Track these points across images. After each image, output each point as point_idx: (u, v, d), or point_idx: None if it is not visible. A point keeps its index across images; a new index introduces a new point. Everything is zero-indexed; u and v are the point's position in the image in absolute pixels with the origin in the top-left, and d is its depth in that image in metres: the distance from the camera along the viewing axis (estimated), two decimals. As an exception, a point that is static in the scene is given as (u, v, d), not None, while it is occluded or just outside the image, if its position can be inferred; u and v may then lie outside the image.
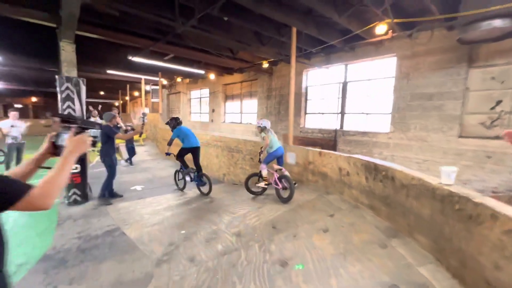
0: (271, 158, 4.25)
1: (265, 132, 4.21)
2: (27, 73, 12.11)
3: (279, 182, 4.05)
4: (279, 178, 4.07)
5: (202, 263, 2.67)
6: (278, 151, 4.21)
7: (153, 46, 5.94)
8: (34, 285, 2.40)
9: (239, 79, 10.94)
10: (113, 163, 4.58)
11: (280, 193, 4.05)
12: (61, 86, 4.38)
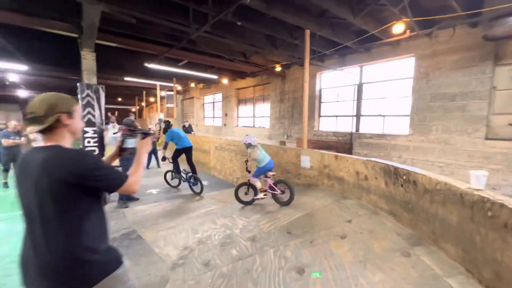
0: (260, 172, 4.17)
1: (251, 148, 4.15)
2: (51, 81, 12.80)
3: (275, 187, 4.03)
4: (274, 184, 4.06)
5: (217, 268, 2.64)
6: (267, 165, 4.12)
7: (168, 52, 6.09)
8: (55, 286, 2.46)
9: (252, 83, 10.99)
10: None
11: (278, 198, 4.04)
12: (82, 93, 4.58)
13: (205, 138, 7.98)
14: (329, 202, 3.88)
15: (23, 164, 1.18)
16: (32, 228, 1.13)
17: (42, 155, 1.14)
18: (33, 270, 1.12)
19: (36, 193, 1.09)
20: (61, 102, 1.24)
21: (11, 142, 5.73)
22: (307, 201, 4.03)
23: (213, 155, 7.43)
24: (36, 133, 1.19)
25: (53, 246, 1.09)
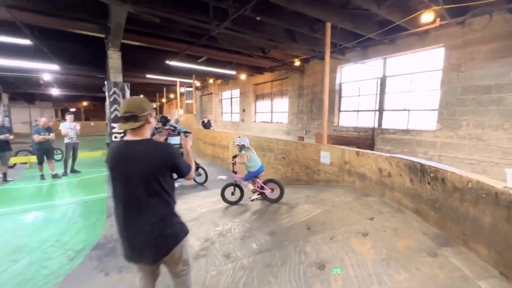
0: (250, 176, 4.17)
1: (245, 150, 4.12)
2: (79, 79, 13.55)
3: (265, 186, 4.10)
4: (264, 183, 4.12)
5: (238, 260, 2.71)
6: (259, 170, 4.15)
7: (188, 49, 6.21)
8: (91, 270, 2.67)
9: (270, 78, 10.92)
10: None
11: (268, 197, 4.12)
12: (109, 90, 4.82)
13: (224, 134, 8.09)
14: (349, 199, 3.81)
15: (124, 154, 1.53)
16: (136, 202, 1.49)
17: (143, 146, 1.53)
18: (138, 236, 1.49)
19: (144, 174, 1.48)
20: (147, 104, 1.58)
21: (41, 138, 6.13)
22: (326, 197, 3.99)
23: (231, 150, 7.52)
24: (134, 134, 1.55)
25: (156, 212, 1.50)
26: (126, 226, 1.51)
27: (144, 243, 1.50)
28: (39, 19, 4.43)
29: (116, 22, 3.64)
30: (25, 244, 3.21)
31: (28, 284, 2.45)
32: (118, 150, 1.56)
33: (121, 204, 1.52)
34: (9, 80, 13.81)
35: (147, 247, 1.50)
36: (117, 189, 1.53)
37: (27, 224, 3.83)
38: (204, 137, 9.52)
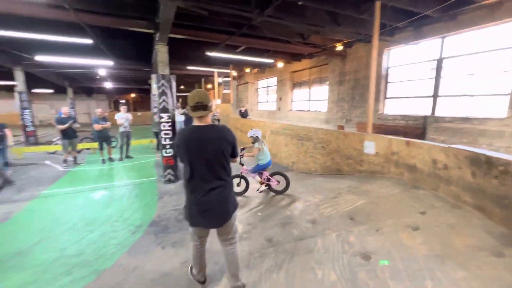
0: (258, 169, 4.25)
1: (258, 143, 4.19)
2: (128, 74, 14.79)
3: (272, 179, 4.23)
4: (271, 175, 4.25)
5: (279, 244, 2.80)
6: (268, 164, 4.23)
7: (229, 40, 6.29)
8: (149, 243, 3.02)
9: (308, 65, 10.56)
10: None
11: (274, 188, 4.25)
12: (158, 82, 5.18)
13: (260, 123, 8.18)
14: (397, 191, 3.60)
15: (199, 136, 1.84)
16: (210, 173, 1.83)
17: (212, 130, 1.87)
18: (211, 204, 1.83)
19: (216, 152, 1.83)
20: (208, 95, 1.89)
21: (100, 127, 6.96)
22: (371, 188, 3.83)
23: (268, 139, 7.59)
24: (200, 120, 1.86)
25: (224, 184, 1.87)
26: (201, 194, 1.83)
27: (214, 209, 1.85)
28: (99, 19, 4.92)
29: (165, 18, 3.86)
30: (96, 218, 3.76)
31: (101, 251, 2.88)
32: (193, 134, 1.85)
33: (197, 177, 1.84)
34: (73, 76, 15.72)
35: (216, 212, 1.86)
36: (193, 165, 1.83)
37: (95, 201, 4.45)
38: (242, 126, 9.73)
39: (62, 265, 2.63)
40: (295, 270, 2.30)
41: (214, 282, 2.29)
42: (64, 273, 2.49)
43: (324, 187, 4.30)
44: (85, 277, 2.43)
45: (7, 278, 2.43)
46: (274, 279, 2.23)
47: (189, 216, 1.93)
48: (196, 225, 1.95)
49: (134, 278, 2.41)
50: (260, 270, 2.39)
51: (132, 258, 2.73)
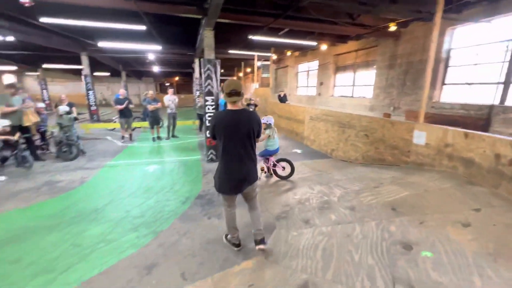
0: (266, 154, 4.46)
1: (269, 130, 4.37)
2: (173, 57, 15.58)
3: (278, 164, 4.46)
4: (277, 161, 4.48)
5: (317, 227, 2.91)
6: (276, 150, 4.49)
7: (274, 22, 6.20)
8: (197, 213, 3.39)
9: (354, 47, 9.88)
10: None
11: (279, 174, 4.49)
12: (204, 67, 5.44)
13: (300, 108, 8.07)
14: (447, 185, 3.36)
15: (234, 119, 2.21)
16: (242, 149, 2.25)
17: (244, 114, 2.25)
18: (237, 174, 2.28)
19: (248, 132, 2.23)
20: (241, 84, 2.28)
21: (153, 107, 7.66)
22: (417, 181, 3.64)
23: (307, 125, 7.51)
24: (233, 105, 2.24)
25: (252, 156, 2.33)
26: (236, 165, 2.28)
27: (245, 176, 2.31)
28: (155, 7, 5.28)
29: (215, 3, 3.99)
30: (151, 187, 4.29)
31: (158, 215, 3.34)
32: (229, 117, 2.23)
33: (232, 152, 2.25)
34: (127, 60, 17.17)
35: (246, 178, 2.33)
36: (227, 142, 2.22)
37: (150, 173, 5.04)
38: (280, 111, 9.73)
39: (129, 223, 3.14)
40: (332, 250, 2.40)
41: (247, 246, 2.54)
42: (131, 230, 2.98)
43: (365, 176, 4.20)
44: (147, 235, 2.87)
45: (90, 228, 3.01)
46: (311, 256, 2.36)
47: (221, 185, 2.35)
48: (226, 192, 2.38)
49: (186, 240, 2.78)
50: (298, 246, 2.54)
51: (183, 223, 3.12)
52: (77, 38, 9.64)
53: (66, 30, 8.45)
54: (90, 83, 12.77)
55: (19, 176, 4.81)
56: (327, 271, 2.13)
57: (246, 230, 2.85)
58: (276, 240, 2.71)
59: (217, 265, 2.37)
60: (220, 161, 2.32)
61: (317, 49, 11.54)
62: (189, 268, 2.32)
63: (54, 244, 2.70)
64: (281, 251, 2.52)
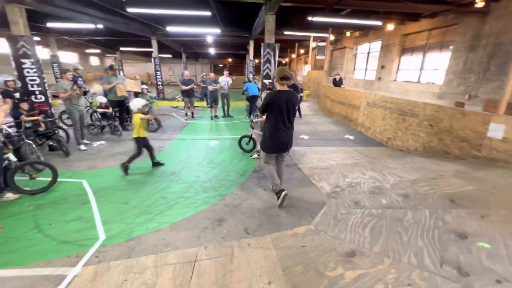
0: None
1: None
2: (229, 40, 16.16)
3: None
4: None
5: (366, 208, 3.07)
6: None
7: (338, 4, 5.99)
8: (254, 185, 3.86)
9: (428, 26, 8.76)
10: None
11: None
12: (264, 51, 5.71)
13: (356, 93, 7.75)
14: (523, 184, 3.09)
15: (283, 97, 2.95)
16: (286, 120, 3.03)
17: (290, 94, 3.00)
18: (281, 139, 3.08)
19: (292, 107, 3.02)
20: (288, 70, 2.93)
21: (213, 88, 8.34)
22: (485, 176, 3.40)
23: (362, 111, 7.24)
24: (282, 86, 3.03)
25: (292, 126, 3.14)
26: (281, 132, 3.05)
27: (286, 141, 3.13)
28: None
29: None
30: (214, 159, 4.94)
31: (222, 183, 3.91)
32: (280, 96, 2.98)
33: (277, 122, 3.03)
34: (187, 43, 18.47)
35: (286, 143, 3.14)
36: (277, 114, 3.00)
37: (212, 147, 5.72)
38: (333, 95, 9.49)
39: (199, 186, 3.79)
40: (380, 230, 2.58)
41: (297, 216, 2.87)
42: (202, 191, 3.62)
43: (424, 167, 4.06)
44: (215, 196, 3.47)
45: (171, 186, 3.75)
46: (359, 232, 2.59)
47: (267, 147, 3.18)
48: (271, 152, 3.22)
49: (246, 205, 3.27)
50: (346, 223, 2.78)
51: (243, 191, 3.63)
52: (151, 24, 10.84)
53: (143, 18, 9.61)
54: (158, 65, 14.29)
55: (113, 142, 6.02)
56: (375, 245, 2.34)
57: (297, 207, 3.18)
58: (325, 215, 2.99)
59: (273, 227, 2.79)
60: (268, 129, 3.09)
61: (381, 29, 10.59)
62: (250, 226, 2.80)
63: (148, 195, 3.50)
64: (330, 224, 2.80)
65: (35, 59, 5.40)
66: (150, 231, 2.68)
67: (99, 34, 13.83)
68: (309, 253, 2.31)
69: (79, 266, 2.16)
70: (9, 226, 2.75)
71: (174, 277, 2.04)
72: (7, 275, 2.07)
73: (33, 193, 3.41)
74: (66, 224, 2.79)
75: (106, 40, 16.61)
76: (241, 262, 2.21)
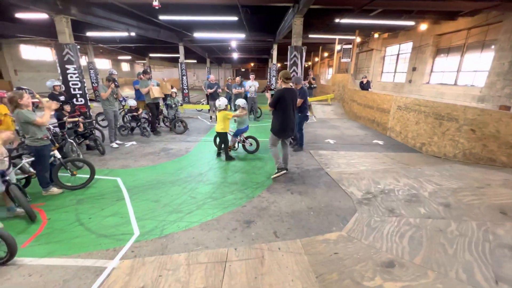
0: (238, 132, 5.28)
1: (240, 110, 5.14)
2: (253, 44, 16.31)
3: (246, 140, 5.36)
4: (246, 138, 5.38)
5: (403, 217, 2.89)
6: (245, 129, 5.31)
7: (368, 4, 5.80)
8: (280, 188, 3.81)
9: (467, 25, 8.19)
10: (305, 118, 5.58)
11: (247, 148, 5.42)
12: (291, 54, 5.69)
13: (386, 96, 7.41)
14: None
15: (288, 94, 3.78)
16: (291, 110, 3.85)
17: (293, 90, 3.88)
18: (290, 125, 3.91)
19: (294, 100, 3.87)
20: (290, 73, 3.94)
21: (237, 91, 8.45)
22: (541, 187, 3.05)
23: (393, 115, 6.89)
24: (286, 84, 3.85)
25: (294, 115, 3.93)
26: (289, 120, 3.85)
27: (292, 127, 3.94)
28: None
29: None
30: (238, 161, 4.96)
31: (248, 185, 3.90)
32: (287, 92, 3.76)
33: (285, 113, 3.80)
34: (211, 48, 18.99)
35: (292, 128, 3.96)
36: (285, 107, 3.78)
37: (235, 149, 5.76)
38: (360, 99, 9.17)
39: (226, 187, 3.82)
40: (420, 240, 2.40)
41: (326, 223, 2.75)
42: (229, 192, 3.64)
43: (466, 175, 3.75)
44: (242, 198, 3.46)
45: (199, 187, 3.82)
46: (397, 241, 2.43)
47: (279, 132, 3.93)
48: (279, 136, 3.99)
49: (274, 208, 3.23)
50: (382, 231, 2.63)
51: (270, 194, 3.59)
52: (179, 31, 11.30)
53: (172, 25, 10.06)
54: (184, 70, 14.84)
55: (143, 142, 6.30)
56: (415, 256, 2.18)
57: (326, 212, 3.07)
58: (357, 222, 2.86)
59: (302, 231, 2.72)
60: (278, 118, 3.86)
61: (412, 29, 10.11)
62: (279, 229, 2.75)
63: (177, 194, 3.59)
64: (363, 231, 2.66)
65: (77, 65, 5.86)
66: (181, 229, 2.73)
67: (131, 42, 14.70)
68: (343, 261, 2.21)
69: (116, 260, 2.26)
70: (54, 218, 2.96)
71: (206, 276, 2.05)
72: (54, 264, 2.21)
73: (74, 189, 3.65)
74: (103, 219, 2.94)
75: (136, 47, 17.62)
76: (272, 266, 2.16)
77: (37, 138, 3.18)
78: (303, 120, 5.47)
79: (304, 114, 5.35)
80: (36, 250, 2.39)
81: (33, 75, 16.19)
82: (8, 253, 2.15)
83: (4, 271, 2.12)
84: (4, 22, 9.47)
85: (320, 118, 10.14)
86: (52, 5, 5.42)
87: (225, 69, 32.92)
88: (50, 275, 2.08)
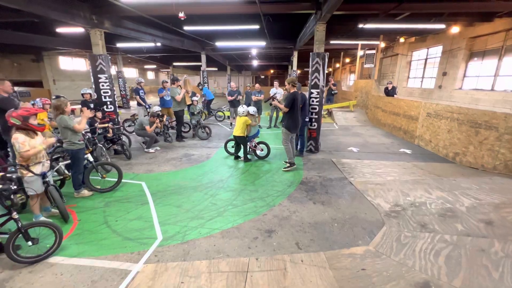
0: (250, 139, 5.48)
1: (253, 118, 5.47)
2: (273, 51, 16.39)
3: (258, 145, 5.56)
4: (257, 143, 5.56)
5: (437, 232, 2.67)
6: (256, 134, 5.60)
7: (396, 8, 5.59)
8: (302, 197, 3.70)
9: (505, 26, 7.62)
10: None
11: (257, 154, 5.57)
12: (313, 61, 5.60)
13: (414, 102, 7.04)
14: None
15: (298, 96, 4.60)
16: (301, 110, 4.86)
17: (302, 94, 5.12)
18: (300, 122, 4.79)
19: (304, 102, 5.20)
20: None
21: (256, 98, 8.46)
22: None
23: (421, 123, 6.51)
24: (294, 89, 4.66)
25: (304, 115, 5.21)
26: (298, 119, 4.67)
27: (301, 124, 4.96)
28: (273, 7, 5.78)
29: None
30: (259, 169, 4.93)
31: (269, 193, 3.84)
32: (298, 96, 4.57)
33: (296, 113, 4.60)
34: (232, 56, 19.39)
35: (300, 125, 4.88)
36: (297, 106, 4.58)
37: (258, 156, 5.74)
38: (385, 106, 8.81)
39: (247, 194, 3.79)
40: (459, 260, 2.20)
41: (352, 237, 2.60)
42: (249, 200, 3.60)
43: (509, 189, 3.42)
44: (263, 207, 3.41)
45: (220, 193, 3.83)
46: (431, 260, 2.24)
47: (292, 128, 4.63)
48: (293, 132, 4.72)
49: (296, 217, 3.14)
50: (413, 248, 2.45)
51: (291, 203, 3.50)
52: (202, 40, 11.68)
53: (195, 34, 10.42)
54: (206, 77, 15.24)
55: (167, 148, 6.49)
56: (454, 279, 1.99)
57: (351, 224, 2.93)
58: (386, 237, 2.69)
59: (326, 244, 2.61)
60: (291, 117, 4.57)
61: (442, 33, 9.61)
62: (302, 241, 2.66)
63: (199, 200, 3.62)
64: (392, 247, 2.49)
65: (108, 74, 6.23)
66: (203, 236, 2.74)
67: (156, 51, 15.44)
68: (371, 278, 2.07)
69: (140, 263, 2.30)
70: (84, 219, 3.10)
71: (228, 285, 2.01)
72: (83, 264, 2.30)
73: (103, 191, 3.82)
74: (129, 222, 3.03)
75: (161, 56, 18.47)
76: (295, 279, 2.08)
77: (73, 142, 3.39)
78: (304, 125, 5.63)
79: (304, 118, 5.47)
80: (67, 250, 2.51)
81: (69, 84, 17.50)
82: (56, 243, 2.42)
83: (39, 269, 2.24)
84: (46, 36, 10.39)
85: (342, 125, 9.87)
86: (88, 20, 5.85)
87: (245, 76, 33.37)
88: (79, 275, 2.16)
